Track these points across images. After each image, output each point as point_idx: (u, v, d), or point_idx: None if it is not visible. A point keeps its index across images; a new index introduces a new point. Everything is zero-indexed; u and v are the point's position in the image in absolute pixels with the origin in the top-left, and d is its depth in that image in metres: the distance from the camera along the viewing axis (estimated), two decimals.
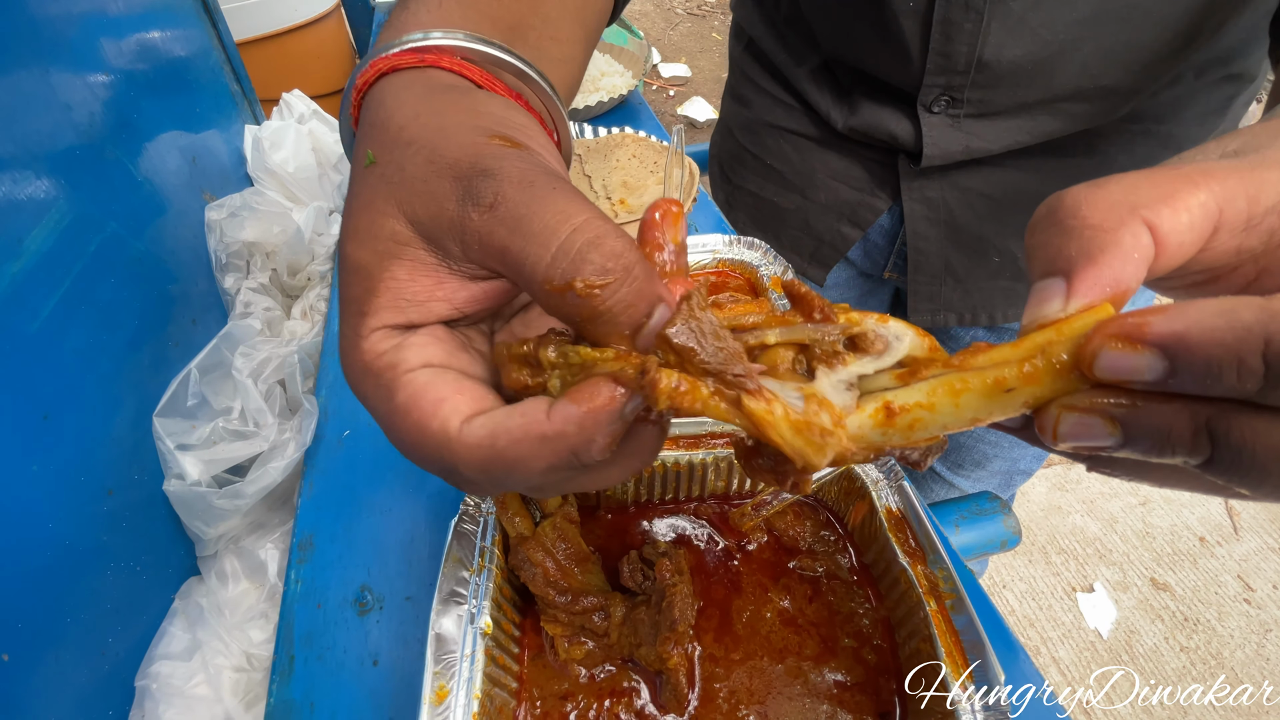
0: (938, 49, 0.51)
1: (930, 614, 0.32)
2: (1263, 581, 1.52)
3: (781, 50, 0.64)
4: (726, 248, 0.56)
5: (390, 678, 0.41)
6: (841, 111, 0.61)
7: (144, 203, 0.53)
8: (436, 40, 0.25)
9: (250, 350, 0.55)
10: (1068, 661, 1.38)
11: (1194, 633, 1.44)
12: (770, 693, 0.34)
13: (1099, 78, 0.51)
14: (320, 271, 0.71)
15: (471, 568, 0.35)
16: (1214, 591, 1.50)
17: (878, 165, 0.62)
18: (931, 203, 0.60)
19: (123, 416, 0.46)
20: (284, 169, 0.70)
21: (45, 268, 0.39)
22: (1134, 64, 0.50)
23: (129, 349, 0.48)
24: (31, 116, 0.42)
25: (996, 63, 0.50)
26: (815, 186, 0.66)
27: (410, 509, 0.50)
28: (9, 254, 0.37)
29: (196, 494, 0.47)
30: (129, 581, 0.44)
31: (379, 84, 0.25)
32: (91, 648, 0.41)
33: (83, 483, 0.41)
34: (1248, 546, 1.58)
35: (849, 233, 0.65)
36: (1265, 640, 1.42)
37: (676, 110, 3.02)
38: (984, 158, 0.57)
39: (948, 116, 0.55)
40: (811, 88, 0.62)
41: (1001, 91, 0.53)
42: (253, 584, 0.49)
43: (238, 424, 0.51)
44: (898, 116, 0.57)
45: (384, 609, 0.44)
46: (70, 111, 0.46)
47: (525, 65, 0.27)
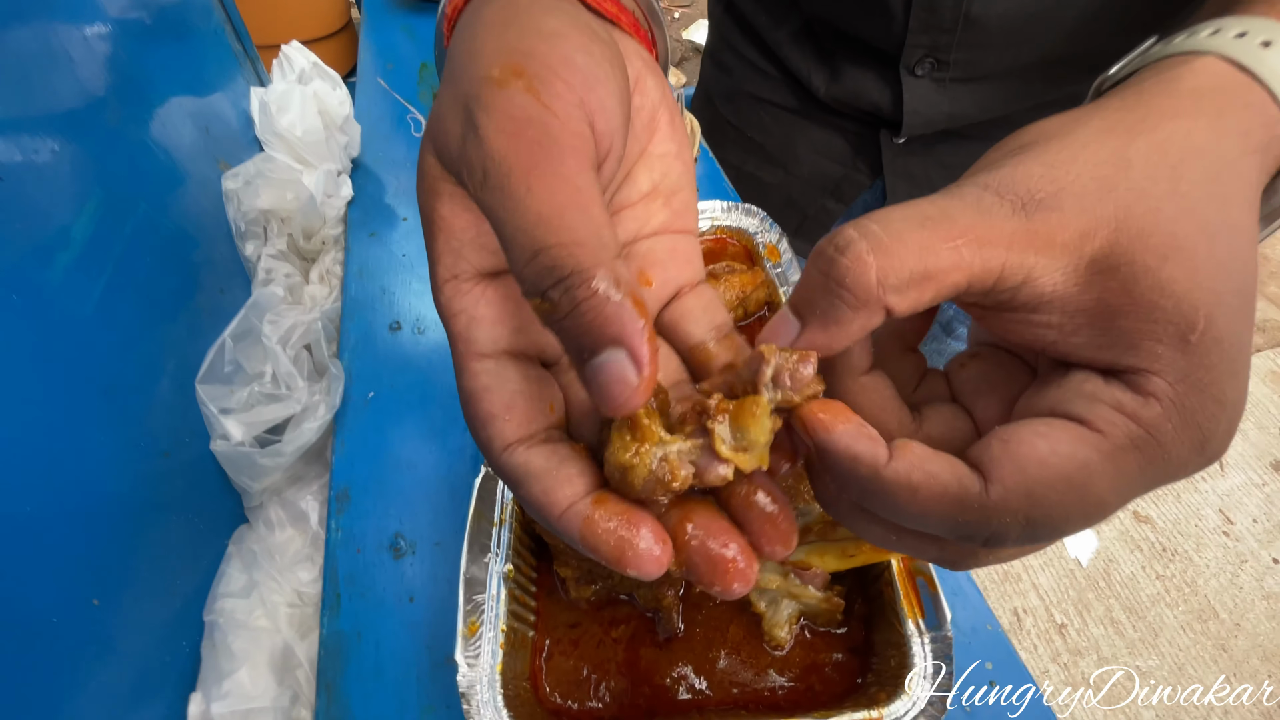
0: (921, 4, 0.49)
1: (895, 565, 0.37)
2: (1243, 515, 1.58)
3: (761, 12, 0.62)
4: (725, 214, 0.58)
5: (426, 613, 0.47)
6: (822, 76, 0.59)
7: (167, 179, 0.55)
8: None
9: (276, 318, 0.58)
10: (1046, 587, 1.47)
11: (1170, 562, 1.51)
12: (747, 634, 0.40)
13: (1090, 38, 0.49)
14: (333, 235, 0.74)
15: (494, 522, 0.40)
16: (1194, 524, 1.57)
17: (859, 138, 0.62)
18: (914, 178, 0.61)
19: (169, 384, 0.50)
20: (292, 133, 0.71)
21: (90, 255, 0.42)
22: (1127, 22, 0.48)
23: (168, 321, 0.51)
24: (57, 99, 0.44)
25: (985, 19, 0.48)
26: (797, 160, 0.66)
27: (434, 464, 0.55)
28: (59, 245, 0.40)
29: (241, 453, 0.52)
30: (188, 530, 0.50)
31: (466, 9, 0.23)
32: (162, 589, 0.46)
33: (142, 447, 0.45)
34: (1232, 482, 1.63)
35: (833, 207, 0.66)
36: (1240, 570, 1.50)
37: (681, 35, 2.90)
38: (967, 132, 0.56)
39: (932, 80, 0.54)
40: (793, 52, 0.61)
41: (990, 52, 0.51)
42: (297, 530, 0.55)
43: (270, 388, 0.56)
44: (879, 83, 0.56)
45: (416, 553, 0.50)
46: (94, 96, 0.48)
47: None
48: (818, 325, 0.19)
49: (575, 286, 0.16)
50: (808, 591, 0.37)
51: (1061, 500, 0.17)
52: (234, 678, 0.45)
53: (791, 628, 0.38)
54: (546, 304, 0.17)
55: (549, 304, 0.17)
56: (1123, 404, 0.18)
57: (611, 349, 0.17)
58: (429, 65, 1.00)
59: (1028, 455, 0.18)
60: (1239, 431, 1.09)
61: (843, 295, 0.18)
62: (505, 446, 0.20)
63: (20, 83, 0.41)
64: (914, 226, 0.18)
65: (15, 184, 0.38)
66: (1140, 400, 0.18)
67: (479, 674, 0.35)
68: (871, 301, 0.18)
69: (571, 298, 0.16)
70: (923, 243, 0.18)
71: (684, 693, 0.38)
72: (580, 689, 0.38)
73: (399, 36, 1.08)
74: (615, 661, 0.39)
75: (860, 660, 0.38)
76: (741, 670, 0.38)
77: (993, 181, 0.19)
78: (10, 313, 0.36)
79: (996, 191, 0.19)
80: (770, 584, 0.37)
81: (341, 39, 1.55)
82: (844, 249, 0.18)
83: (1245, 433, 1.69)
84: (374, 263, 0.70)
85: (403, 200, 0.77)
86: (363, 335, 0.64)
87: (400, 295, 0.67)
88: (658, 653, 0.39)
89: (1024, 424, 0.19)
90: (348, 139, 0.78)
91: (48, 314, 0.39)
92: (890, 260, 0.18)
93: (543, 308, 0.17)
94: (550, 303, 0.17)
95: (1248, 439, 1.69)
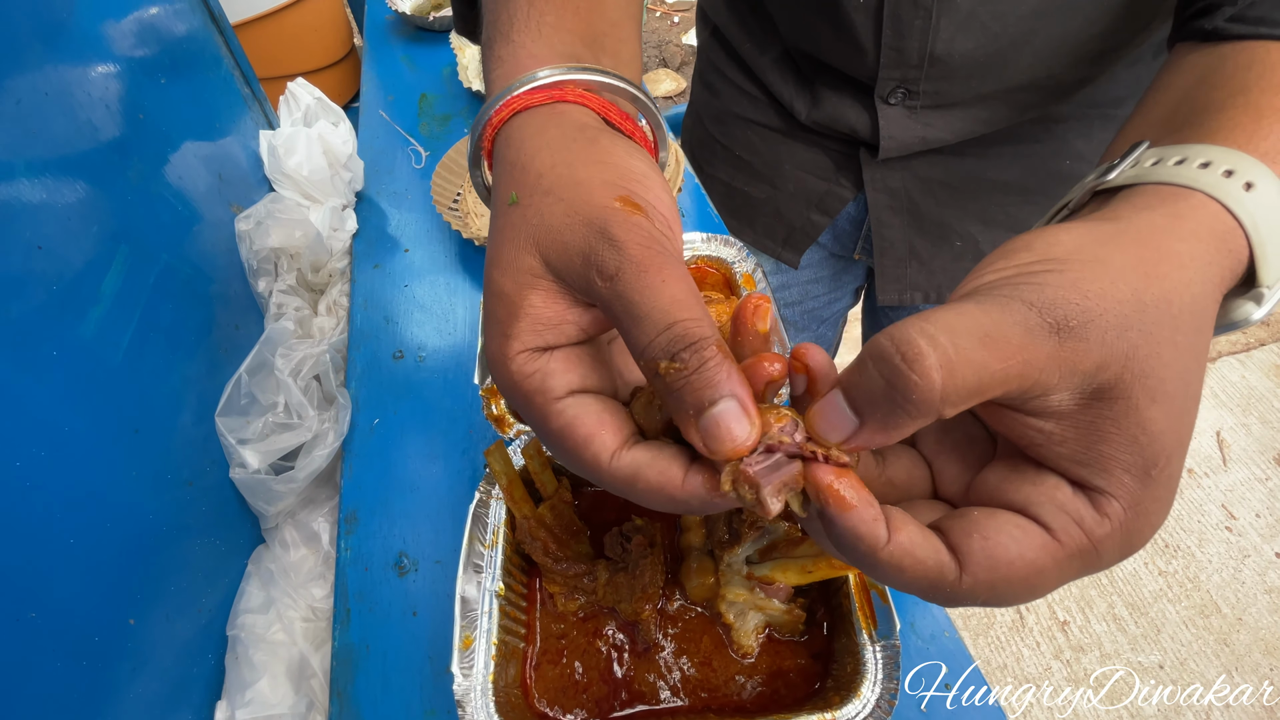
0: (890, 44, 0.52)
1: (852, 580, 0.40)
2: (1246, 510, 1.58)
3: (746, 39, 0.66)
4: (704, 244, 0.62)
5: (428, 625, 0.51)
6: (804, 102, 0.63)
7: (185, 228, 0.60)
8: (559, 77, 0.29)
9: (288, 351, 0.63)
10: None
11: (1173, 558, 1.52)
12: (718, 644, 0.43)
13: (1052, 67, 0.52)
14: (339, 268, 0.78)
15: (486, 543, 0.44)
16: (1196, 520, 1.57)
17: (841, 156, 0.65)
18: (894, 192, 0.64)
19: (190, 418, 0.54)
20: (299, 172, 0.76)
21: (119, 306, 0.47)
22: (1086, 53, 0.51)
23: (189, 360, 0.56)
24: (87, 160, 0.49)
25: (949, 56, 0.52)
26: (783, 177, 0.69)
27: (434, 485, 0.59)
28: (91, 299, 0.45)
29: (257, 480, 0.56)
30: (210, 552, 0.54)
31: (513, 122, 0.29)
32: (189, 607, 0.51)
33: (168, 479, 0.50)
34: (1234, 477, 1.63)
35: (818, 220, 0.69)
36: (1242, 565, 1.50)
37: (681, 40, 2.93)
38: (942, 147, 0.60)
39: (905, 108, 0.57)
40: (775, 78, 0.64)
41: (956, 83, 0.54)
42: (309, 550, 0.59)
43: (283, 418, 0.60)
44: (857, 109, 0.59)
45: (419, 570, 0.54)
46: (118, 151, 0.53)
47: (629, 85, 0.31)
48: (877, 428, 0.21)
49: (703, 349, 0.21)
50: (772, 604, 0.41)
51: (1014, 591, 0.22)
52: (255, 687, 0.49)
53: (758, 637, 0.42)
54: (677, 363, 0.22)
55: (679, 364, 0.22)
56: (1083, 519, 0.21)
57: (726, 400, 0.21)
58: (428, 95, 1.05)
59: (1000, 557, 0.21)
60: (1242, 426, 1.11)
61: (907, 408, 0.20)
62: (612, 454, 0.24)
63: (50, 145, 0.45)
64: (975, 344, 0.20)
65: (51, 250, 0.42)
66: (1097, 519, 0.21)
67: (473, 683, 0.39)
68: (931, 414, 0.20)
69: (700, 357, 0.21)
70: (983, 363, 0.19)
71: (661, 696, 0.42)
72: (566, 695, 0.42)
73: (400, 67, 1.12)
74: (598, 669, 0.43)
75: (822, 666, 0.42)
76: (712, 676, 0.42)
77: (1037, 301, 0.21)
78: (50, 365, 0.41)
79: (1040, 313, 0.20)
80: (738, 597, 0.41)
81: (344, 67, 1.60)
82: (912, 363, 0.19)
83: (1248, 427, 1.69)
84: (378, 294, 0.74)
85: (404, 232, 0.82)
86: (368, 364, 0.68)
87: (403, 325, 0.71)
88: (637, 661, 0.43)
89: (1001, 525, 0.22)
90: (351, 174, 0.82)
91: (83, 364, 0.43)
92: (954, 380, 0.19)
93: (672, 368, 0.22)
94: (681, 362, 0.21)
95: (1250, 434, 1.69)
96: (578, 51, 0.32)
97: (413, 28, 1.20)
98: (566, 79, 0.29)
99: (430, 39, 1.18)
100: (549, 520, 0.45)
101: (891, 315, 0.81)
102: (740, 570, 0.41)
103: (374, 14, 1.25)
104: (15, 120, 0.42)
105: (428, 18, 1.17)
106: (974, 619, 1.46)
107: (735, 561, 0.41)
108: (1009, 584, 0.21)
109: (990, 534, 0.22)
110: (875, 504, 0.22)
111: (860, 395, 0.21)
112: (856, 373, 0.21)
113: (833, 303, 0.84)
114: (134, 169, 0.55)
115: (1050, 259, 0.22)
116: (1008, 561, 0.21)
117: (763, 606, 0.41)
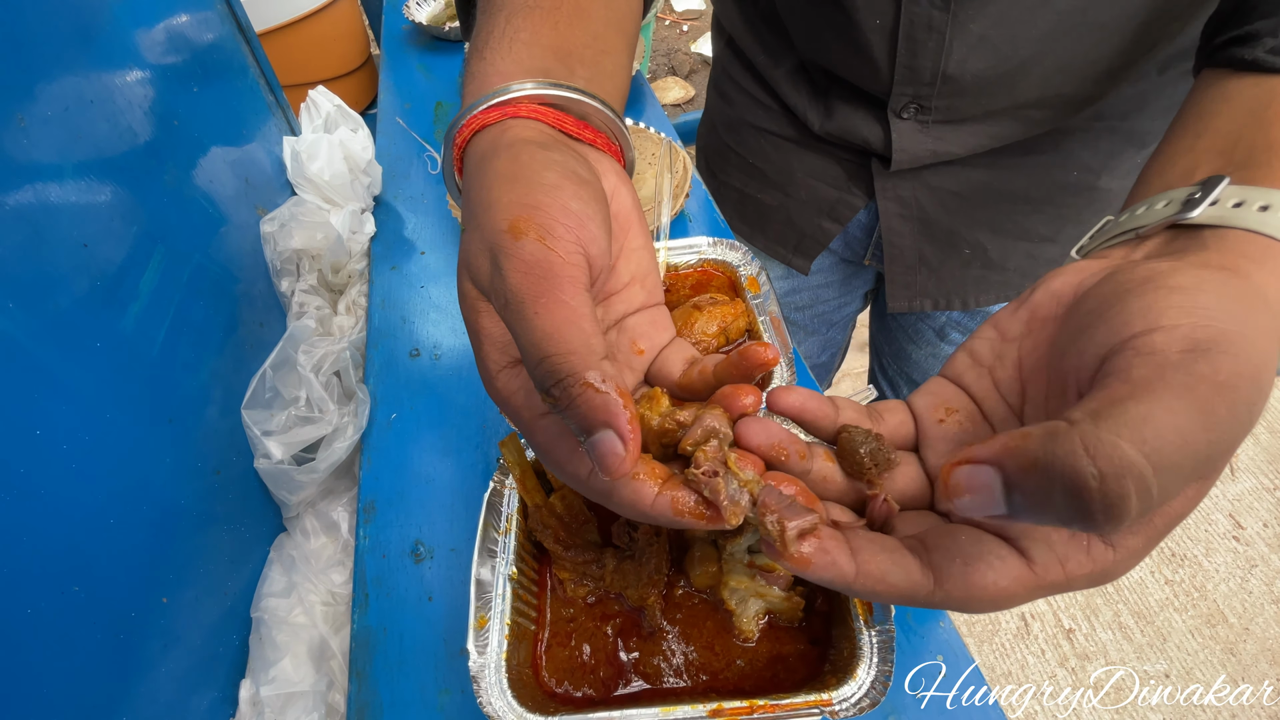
0: (904, 63, 0.54)
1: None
2: (1253, 520, 1.58)
3: (760, 50, 0.67)
4: (711, 248, 0.64)
5: (442, 610, 0.53)
6: (818, 113, 0.65)
7: (214, 229, 0.63)
8: (514, 94, 0.30)
9: (310, 348, 0.65)
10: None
11: (1180, 567, 1.52)
12: (719, 628, 0.45)
13: (1061, 87, 0.53)
14: (358, 269, 0.81)
15: (500, 530, 0.46)
16: (1204, 529, 1.57)
17: (853, 165, 0.67)
18: (904, 201, 0.65)
19: (217, 411, 0.57)
20: (320, 177, 0.79)
21: (155, 303, 0.50)
22: (1095, 73, 0.52)
23: (217, 355, 0.59)
24: (126, 164, 0.51)
25: (960, 76, 0.53)
26: (795, 185, 0.71)
27: (449, 477, 0.61)
28: (131, 297, 0.47)
29: (281, 470, 0.58)
30: (235, 538, 0.57)
31: (473, 141, 0.30)
32: (216, 589, 0.53)
33: (199, 468, 0.52)
34: (1242, 486, 1.63)
35: (829, 227, 0.71)
36: (1249, 575, 1.50)
37: (690, 47, 2.96)
38: (951, 161, 0.61)
39: (917, 123, 0.58)
40: (789, 89, 0.66)
41: (967, 101, 0.56)
42: (329, 538, 0.61)
43: (305, 411, 0.63)
44: (870, 122, 0.61)
45: (434, 558, 0.56)
46: (153, 157, 0.56)
47: (588, 97, 0.31)
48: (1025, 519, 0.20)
49: (570, 385, 0.22)
50: (773, 592, 0.43)
51: (980, 608, 0.23)
52: (278, 666, 0.51)
53: (758, 623, 0.44)
54: (550, 398, 0.23)
55: (552, 399, 0.22)
56: (1067, 560, 0.23)
57: (603, 430, 0.22)
58: (443, 103, 1.08)
59: (975, 582, 0.23)
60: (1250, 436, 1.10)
61: (1073, 524, 0.18)
62: (589, 472, 0.26)
63: (93, 148, 0.48)
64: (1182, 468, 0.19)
65: (96, 248, 0.45)
66: (1083, 561, 0.23)
67: (487, 660, 0.41)
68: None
69: (568, 394, 0.22)
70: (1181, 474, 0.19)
71: (664, 678, 0.44)
72: (574, 675, 0.44)
73: (415, 75, 1.16)
74: (605, 651, 0.45)
75: (820, 651, 0.43)
76: (714, 660, 0.44)
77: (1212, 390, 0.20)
78: (95, 356, 0.43)
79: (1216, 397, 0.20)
80: (740, 585, 0.43)
81: (362, 75, 1.64)
82: (1112, 507, 0.17)
83: (1256, 437, 1.69)
84: (395, 294, 0.77)
85: (421, 235, 0.84)
86: (386, 361, 0.70)
87: (419, 324, 0.74)
88: (642, 644, 0.45)
89: (983, 554, 0.23)
90: (370, 179, 0.85)
91: (123, 356, 0.46)
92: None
93: (548, 400, 0.23)
94: (553, 398, 0.22)
95: (1259, 443, 1.69)
96: (548, 66, 0.32)
97: (428, 37, 1.24)
98: (521, 95, 0.30)
99: (445, 48, 1.21)
100: (559, 509, 0.47)
101: (900, 320, 0.83)
102: (742, 559, 0.43)
103: (390, 24, 1.29)
104: (62, 124, 0.45)
105: (443, 28, 1.20)
106: (978, 625, 1.46)
107: (738, 550, 0.43)
108: (979, 602, 0.23)
109: (972, 560, 0.23)
110: (832, 549, 0.24)
111: (1028, 496, 0.18)
112: (1031, 471, 0.18)
113: (842, 307, 0.86)
114: (169, 173, 0.57)
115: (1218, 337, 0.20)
116: (982, 586, 0.23)
117: (763, 594, 0.43)
